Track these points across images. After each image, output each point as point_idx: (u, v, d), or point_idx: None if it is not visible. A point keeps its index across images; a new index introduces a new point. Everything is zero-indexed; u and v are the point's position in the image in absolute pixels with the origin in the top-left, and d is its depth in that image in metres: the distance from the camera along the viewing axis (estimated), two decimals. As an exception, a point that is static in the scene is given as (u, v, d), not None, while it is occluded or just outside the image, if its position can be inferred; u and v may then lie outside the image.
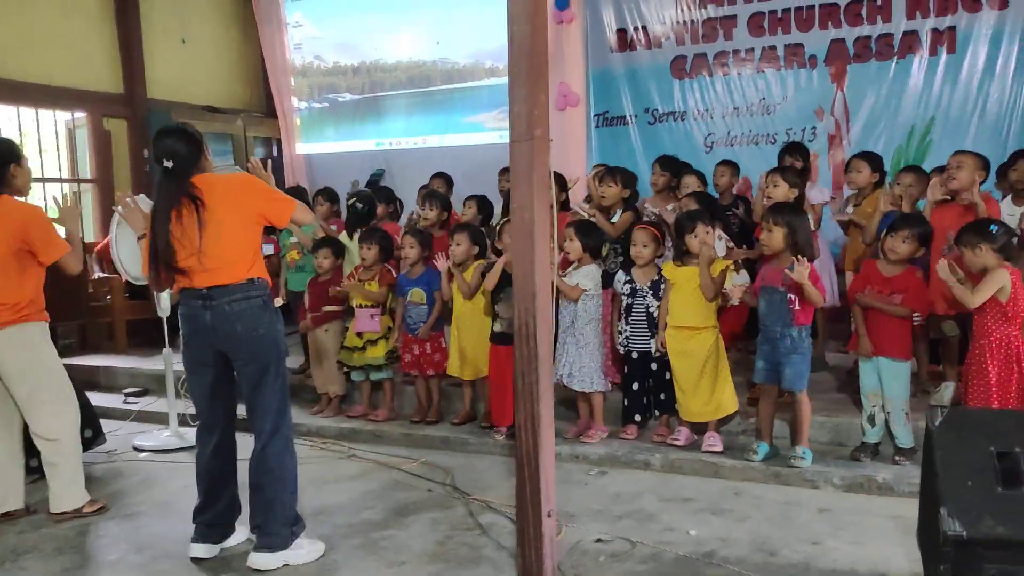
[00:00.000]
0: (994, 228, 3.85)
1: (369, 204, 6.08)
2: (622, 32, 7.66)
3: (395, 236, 5.76)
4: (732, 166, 5.96)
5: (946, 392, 4.44)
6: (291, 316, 6.31)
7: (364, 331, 5.39)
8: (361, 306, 5.40)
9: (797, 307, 4.16)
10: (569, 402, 5.06)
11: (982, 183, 4.57)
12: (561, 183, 5.34)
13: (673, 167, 5.88)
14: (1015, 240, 3.94)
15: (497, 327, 4.90)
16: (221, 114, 9.01)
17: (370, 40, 8.95)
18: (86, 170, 8.34)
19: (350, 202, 6.09)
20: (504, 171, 6.45)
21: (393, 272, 5.56)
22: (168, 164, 3.34)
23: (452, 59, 8.58)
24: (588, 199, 5.77)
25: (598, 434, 4.78)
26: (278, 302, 3.59)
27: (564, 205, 5.47)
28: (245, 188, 3.45)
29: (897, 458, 4.20)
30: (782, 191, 4.75)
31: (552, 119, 8.07)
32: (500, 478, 4.44)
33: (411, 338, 5.33)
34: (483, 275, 4.93)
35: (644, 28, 7.57)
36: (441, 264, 5.09)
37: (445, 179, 6.92)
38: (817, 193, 5.44)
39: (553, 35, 7.89)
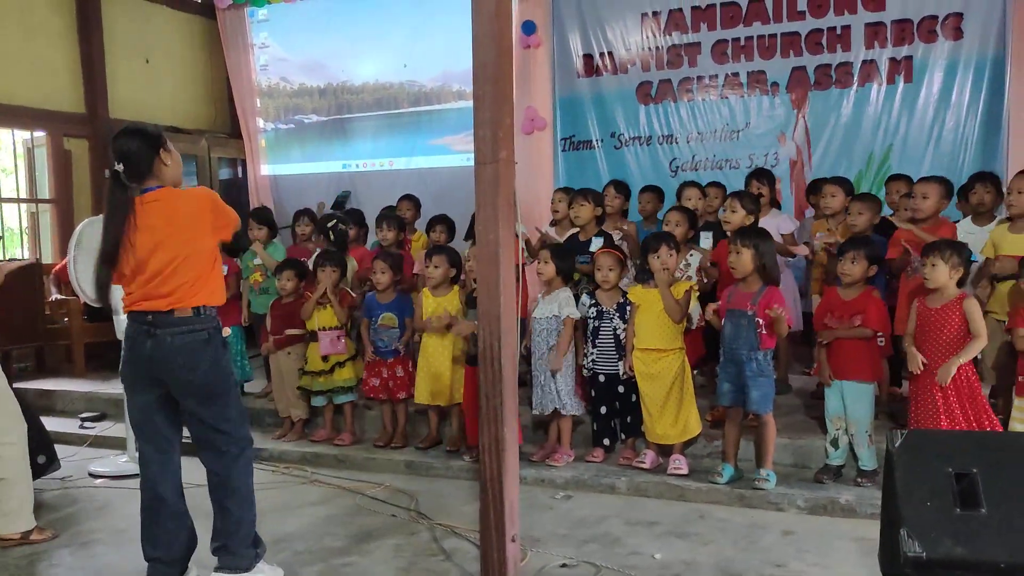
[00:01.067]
0: (975, 258, 3.95)
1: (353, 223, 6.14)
2: (588, 57, 7.74)
3: (365, 260, 5.75)
4: (699, 188, 6.04)
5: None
6: (254, 338, 6.25)
7: (330, 354, 5.35)
8: (324, 328, 5.35)
9: (764, 331, 4.20)
10: (536, 425, 5.05)
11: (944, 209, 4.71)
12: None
13: (626, 191, 5.94)
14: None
15: (473, 349, 4.88)
16: (185, 134, 8.92)
17: (337, 62, 8.94)
18: (45, 190, 8.20)
19: (331, 224, 6.04)
20: None
21: (352, 294, 5.53)
22: (119, 167, 3.15)
23: (419, 82, 8.59)
24: (553, 223, 5.81)
25: (564, 458, 4.77)
26: (226, 332, 3.46)
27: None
28: (201, 201, 3.27)
29: (859, 480, 4.24)
30: (739, 216, 4.82)
31: (519, 143, 8.13)
32: (465, 502, 4.39)
33: (380, 361, 5.28)
34: (466, 301, 4.94)
35: (610, 54, 7.66)
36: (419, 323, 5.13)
37: (413, 201, 6.90)
38: (786, 222, 5.51)
39: (520, 59, 7.97)
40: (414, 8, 8.30)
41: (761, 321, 4.19)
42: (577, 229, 5.42)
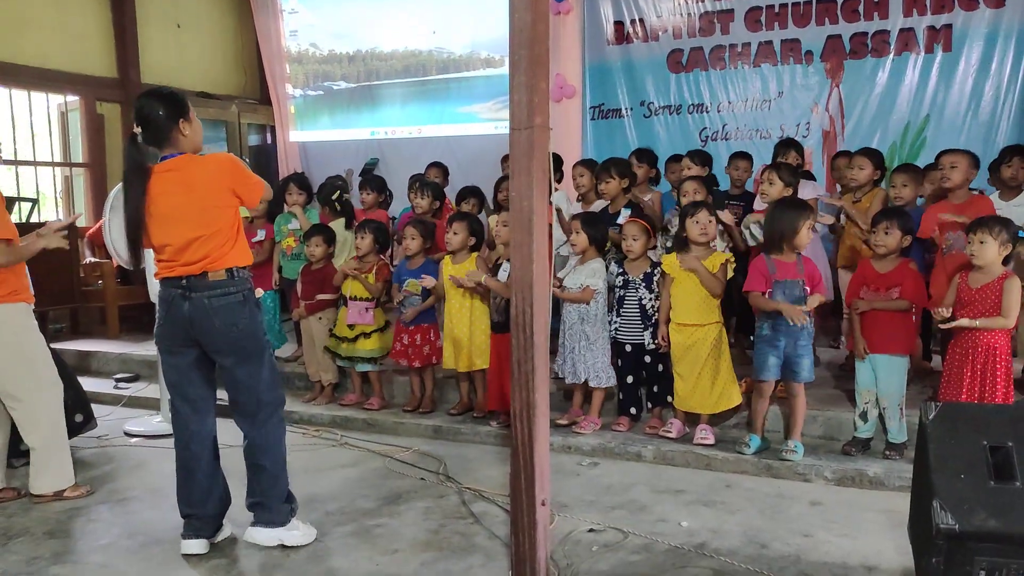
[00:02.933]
0: (1022, 233, 3.86)
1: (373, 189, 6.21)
2: (619, 25, 7.66)
3: (387, 225, 5.76)
4: (748, 159, 5.97)
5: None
6: (286, 303, 6.30)
7: (357, 324, 5.39)
8: (355, 298, 5.38)
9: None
10: (564, 392, 5.07)
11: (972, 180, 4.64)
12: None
13: (650, 159, 5.88)
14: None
15: (496, 316, 4.90)
16: (216, 100, 8.96)
17: (366, 28, 8.92)
18: (79, 154, 8.29)
19: (335, 196, 6.05)
20: (506, 158, 6.43)
21: (390, 267, 5.55)
22: (137, 130, 3.21)
23: (448, 49, 8.56)
24: (580, 198, 5.79)
25: (591, 425, 4.79)
26: (259, 292, 3.51)
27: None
28: (220, 167, 3.29)
29: (888, 453, 4.22)
30: (777, 189, 4.76)
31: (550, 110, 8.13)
32: (492, 467, 4.44)
33: (402, 327, 5.32)
34: (490, 269, 4.95)
35: (641, 21, 7.58)
36: (428, 282, 5.07)
37: (441, 168, 6.90)
38: (810, 190, 5.45)
39: (550, 27, 7.88)
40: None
41: (808, 289, 4.18)
42: (607, 202, 5.40)
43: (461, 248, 5.09)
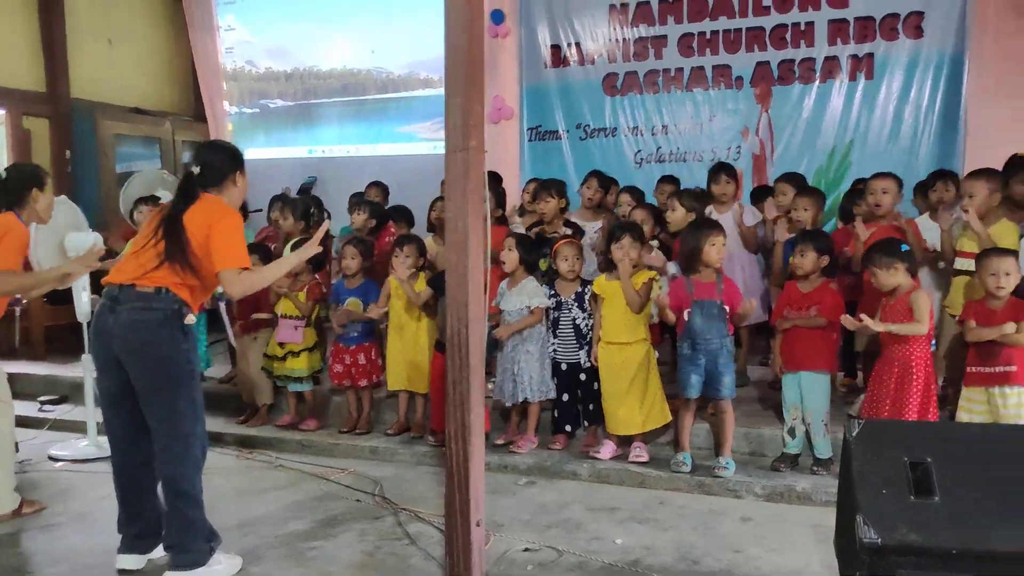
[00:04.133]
0: (905, 247, 4.04)
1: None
2: (556, 48, 7.77)
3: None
4: (674, 183, 6.09)
5: (857, 405, 4.62)
6: (216, 323, 6.19)
7: (286, 342, 5.34)
8: (286, 316, 5.33)
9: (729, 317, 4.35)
10: (500, 412, 5.09)
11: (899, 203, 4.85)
12: (498, 198, 5.39)
13: (607, 184, 5.97)
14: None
15: (442, 335, 4.90)
16: (148, 116, 8.80)
17: (304, 47, 8.88)
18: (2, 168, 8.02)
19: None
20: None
21: (323, 286, 5.51)
22: (195, 169, 3.39)
23: (387, 68, 8.57)
24: (521, 212, 5.84)
25: (527, 444, 4.82)
26: (190, 319, 3.38)
27: (499, 220, 5.52)
28: (214, 218, 3.29)
29: (815, 468, 4.34)
30: (680, 215, 4.91)
31: (486, 132, 8.17)
32: (429, 488, 4.43)
33: (343, 348, 5.28)
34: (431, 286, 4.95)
35: (577, 45, 7.70)
36: (401, 271, 5.02)
37: (381, 188, 6.90)
38: (750, 215, 5.60)
39: (488, 49, 7.96)
40: (383, -2, 8.29)
41: (727, 308, 4.29)
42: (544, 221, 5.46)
43: (412, 270, 5.07)
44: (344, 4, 8.54)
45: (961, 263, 4.50)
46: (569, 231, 5.25)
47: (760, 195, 6.01)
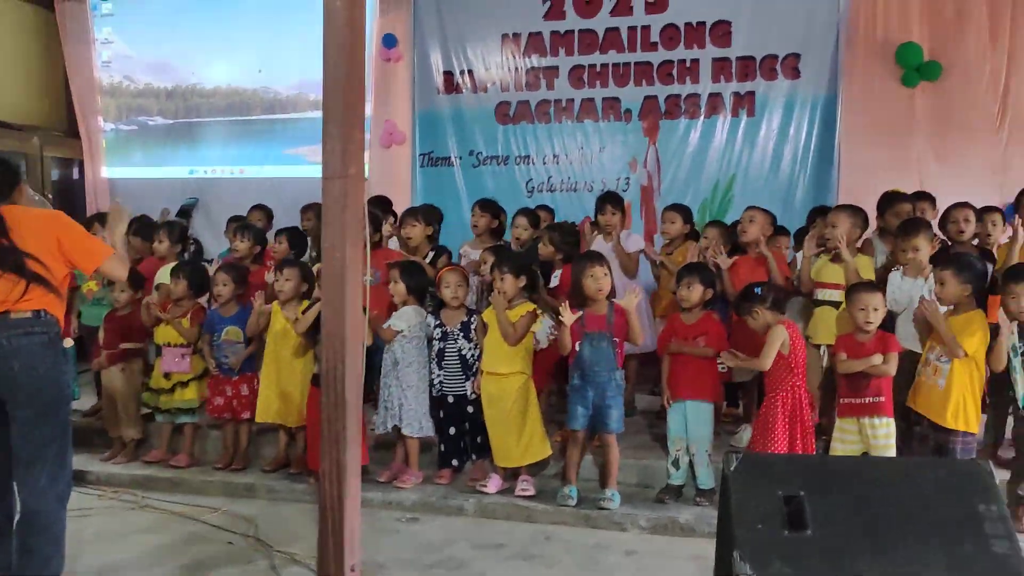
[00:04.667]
0: (758, 290, 4.17)
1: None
2: (448, 75, 7.74)
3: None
4: (548, 212, 6.11)
5: (744, 435, 4.71)
6: (85, 353, 5.81)
7: (172, 372, 5.06)
8: (170, 344, 5.06)
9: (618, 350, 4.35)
10: (384, 445, 4.94)
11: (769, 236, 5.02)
12: (376, 223, 5.27)
13: (493, 209, 5.92)
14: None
15: (316, 369, 4.72)
16: (15, 131, 8.25)
17: (187, 63, 8.53)
18: None
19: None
20: (306, 208, 6.31)
21: (206, 311, 5.26)
22: None
23: (275, 88, 8.33)
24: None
25: (411, 479, 4.68)
26: (68, 343, 3.24)
27: (378, 244, 5.40)
28: (53, 224, 3.20)
29: (698, 499, 4.37)
30: (548, 251, 4.95)
31: (378, 156, 8.07)
32: (308, 528, 4.19)
33: (223, 379, 5.03)
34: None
35: (470, 72, 7.69)
36: (258, 303, 4.84)
37: (265, 212, 6.66)
38: (632, 242, 5.66)
39: (380, 72, 7.90)
40: (271, 12, 8.04)
41: (617, 339, 4.29)
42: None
43: (293, 296, 4.89)
44: (230, 20, 8.27)
45: (823, 293, 4.67)
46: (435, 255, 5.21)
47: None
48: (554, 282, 5.07)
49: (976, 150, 6.55)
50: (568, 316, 4.21)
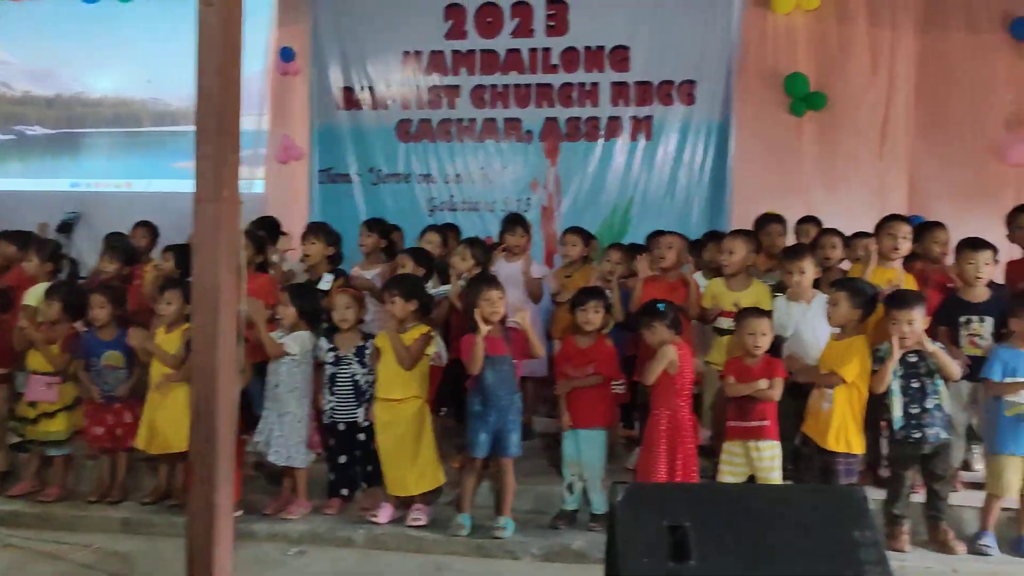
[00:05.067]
0: (661, 306, 4.19)
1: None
2: (348, 90, 7.60)
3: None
4: (454, 229, 6.03)
5: (634, 457, 4.71)
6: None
7: (38, 400, 4.75)
8: (37, 372, 4.76)
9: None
10: (272, 475, 4.75)
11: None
12: (259, 244, 5.12)
13: (381, 229, 5.82)
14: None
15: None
16: None
17: (70, 71, 8.15)
18: None
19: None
20: None
21: (80, 335, 4.96)
22: None
23: (165, 99, 8.03)
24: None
25: (299, 510, 4.52)
26: None
27: (262, 266, 5.24)
28: None
29: (592, 525, 4.35)
30: (468, 264, 4.89)
31: (274, 172, 7.84)
32: (186, 565, 4.02)
33: (102, 407, 4.75)
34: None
35: (371, 88, 7.57)
36: (135, 341, 4.61)
37: (149, 228, 6.36)
38: (537, 268, 5.64)
39: (278, 86, 7.71)
40: (162, 19, 7.72)
41: (516, 362, 4.26)
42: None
43: (177, 319, 4.66)
44: (118, 27, 7.93)
45: (725, 322, 4.73)
46: (333, 277, 5.07)
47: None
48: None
49: (859, 176, 6.82)
50: (485, 329, 4.14)
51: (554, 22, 7.23)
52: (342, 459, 4.61)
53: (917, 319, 4.02)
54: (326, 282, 4.94)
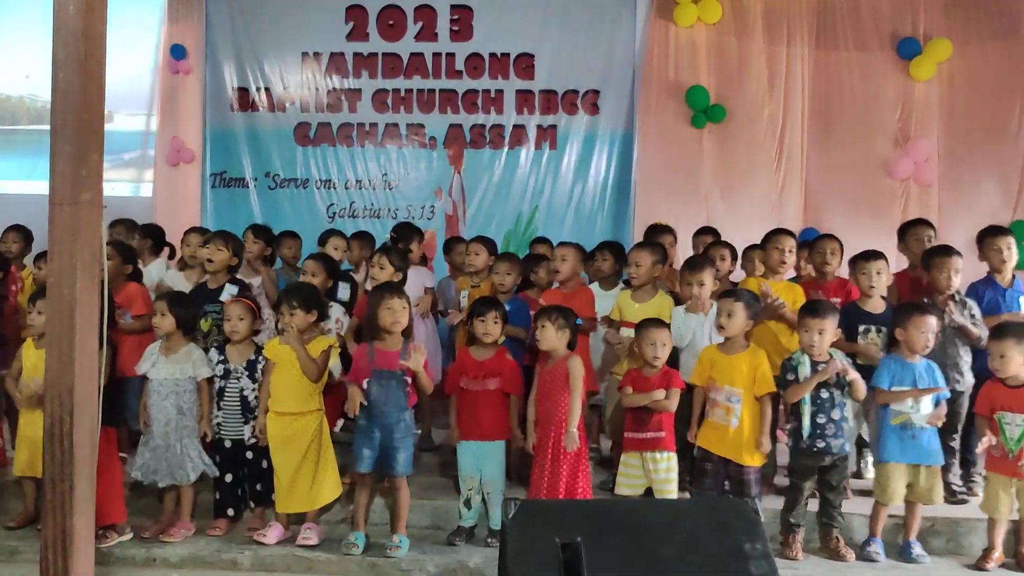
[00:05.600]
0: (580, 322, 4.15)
1: None
2: (244, 91, 7.34)
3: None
4: (368, 237, 5.84)
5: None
6: None
7: None
8: None
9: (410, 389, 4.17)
10: (151, 495, 4.48)
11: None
12: (126, 255, 4.86)
13: (267, 236, 5.60)
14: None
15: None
16: None
17: (-63, 63, 7.61)
18: None
19: None
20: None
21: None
22: None
23: (44, 97, 7.52)
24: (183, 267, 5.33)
25: (181, 532, 4.26)
26: None
27: (134, 275, 4.97)
28: None
29: (490, 540, 4.23)
30: (387, 273, 4.73)
31: (163, 175, 7.50)
32: (51, 595, 3.73)
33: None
34: None
35: (267, 90, 7.35)
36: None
37: (22, 233, 5.96)
38: (429, 278, 5.53)
39: (168, 85, 7.39)
40: (40, 11, 7.27)
41: (409, 379, 4.12)
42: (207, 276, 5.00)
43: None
44: (-6, 20, 7.47)
45: (628, 332, 4.70)
46: (237, 289, 4.82)
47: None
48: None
49: (757, 189, 6.96)
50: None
51: (458, 27, 7.16)
52: (228, 477, 4.37)
53: (829, 329, 4.07)
54: (228, 293, 4.68)
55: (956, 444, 4.56)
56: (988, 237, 4.84)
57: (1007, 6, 6.80)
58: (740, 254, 5.40)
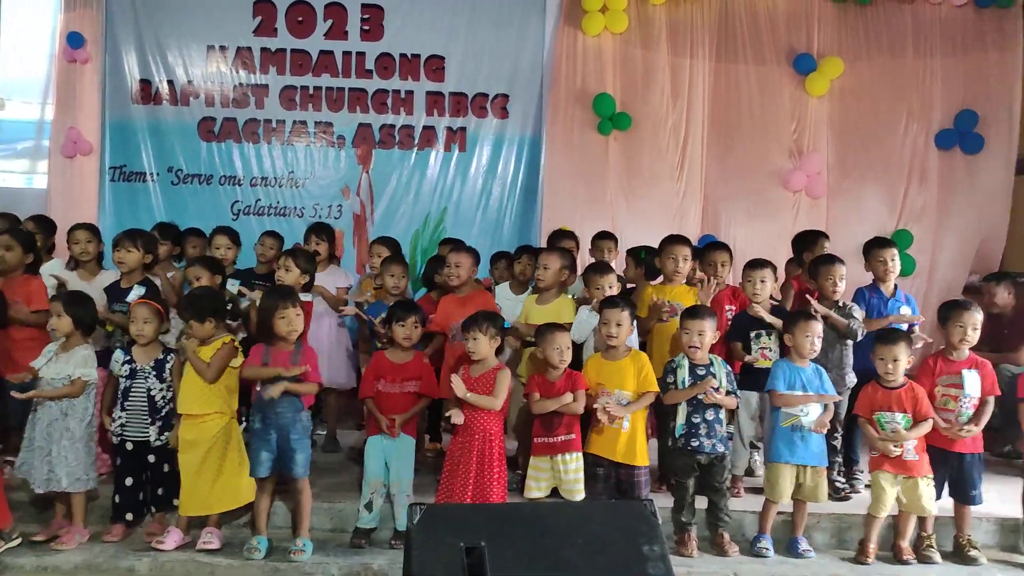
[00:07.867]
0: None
1: None
2: (145, 83, 7.12)
3: None
4: (276, 237, 5.73)
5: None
6: None
7: None
8: None
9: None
10: (38, 501, 4.34)
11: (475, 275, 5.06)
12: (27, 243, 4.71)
13: (175, 235, 5.47)
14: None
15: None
16: None
17: None
18: None
19: None
20: None
21: None
22: None
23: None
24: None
25: (75, 538, 4.14)
26: None
27: (33, 267, 4.81)
28: None
29: (394, 542, 4.26)
30: (294, 276, 4.70)
31: (59, 167, 7.21)
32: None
33: None
34: None
35: (171, 82, 7.14)
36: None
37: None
38: (342, 278, 5.50)
39: (64, 75, 7.12)
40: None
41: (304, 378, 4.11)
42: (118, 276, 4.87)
43: None
44: None
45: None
46: (144, 290, 4.71)
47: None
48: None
49: (659, 196, 7.16)
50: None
51: (369, 27, 7.13)
52: (129, 481, 4.27)
53: (708, 331, 4.26)
54: (135, 294, 4.56)
55: (838, 443, 4.83)
56: (874, 249, 5.15)
57: (894, 25, 7.19)
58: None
